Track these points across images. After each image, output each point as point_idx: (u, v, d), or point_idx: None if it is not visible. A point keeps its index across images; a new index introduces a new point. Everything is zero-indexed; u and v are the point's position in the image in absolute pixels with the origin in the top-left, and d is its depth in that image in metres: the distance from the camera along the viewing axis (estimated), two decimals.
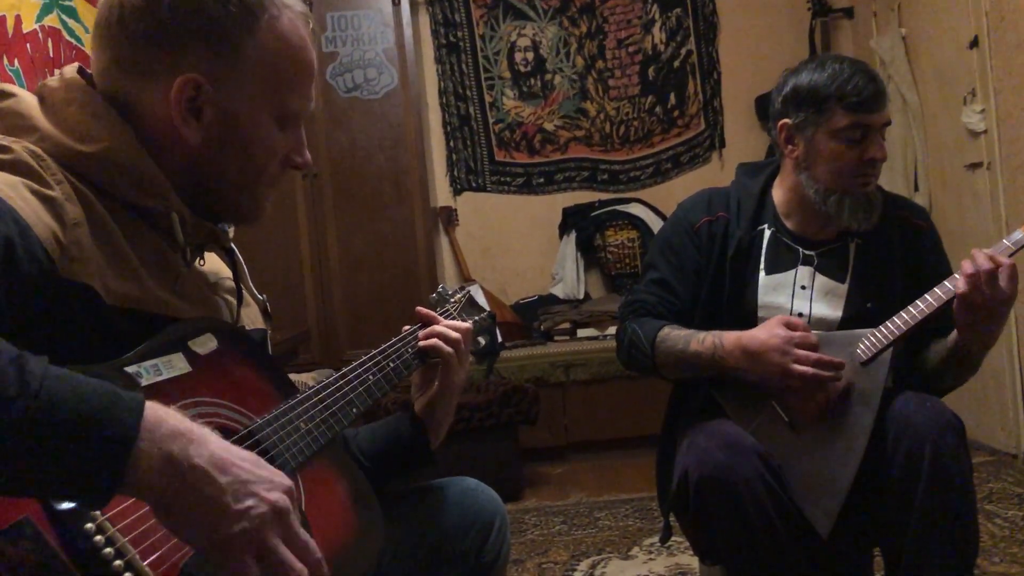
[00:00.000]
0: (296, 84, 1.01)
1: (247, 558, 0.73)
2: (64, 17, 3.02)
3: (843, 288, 1.71)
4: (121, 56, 0.94)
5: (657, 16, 4.51)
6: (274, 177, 1.04)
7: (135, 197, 0.92)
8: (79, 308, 0.83)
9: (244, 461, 0.75)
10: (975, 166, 3.28)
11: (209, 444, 0.74)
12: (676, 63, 4.52)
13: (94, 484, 0.69)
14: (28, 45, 2.86)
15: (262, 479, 0.75)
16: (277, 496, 0.76)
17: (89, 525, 0.72)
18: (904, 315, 1.56)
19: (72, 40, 3.04)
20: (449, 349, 1.23)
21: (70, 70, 0.97)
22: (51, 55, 2.90)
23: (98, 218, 0.88)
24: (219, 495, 0.72)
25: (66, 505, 0.72)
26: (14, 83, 2.61)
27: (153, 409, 0.72)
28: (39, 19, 2.92)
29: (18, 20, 2.83)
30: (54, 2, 2.98)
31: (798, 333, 1.56)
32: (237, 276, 1.10)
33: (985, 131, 3.18)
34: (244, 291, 1.11)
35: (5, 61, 2.75)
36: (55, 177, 0.85)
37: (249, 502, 0.73)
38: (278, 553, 0.75)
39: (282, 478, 0.78)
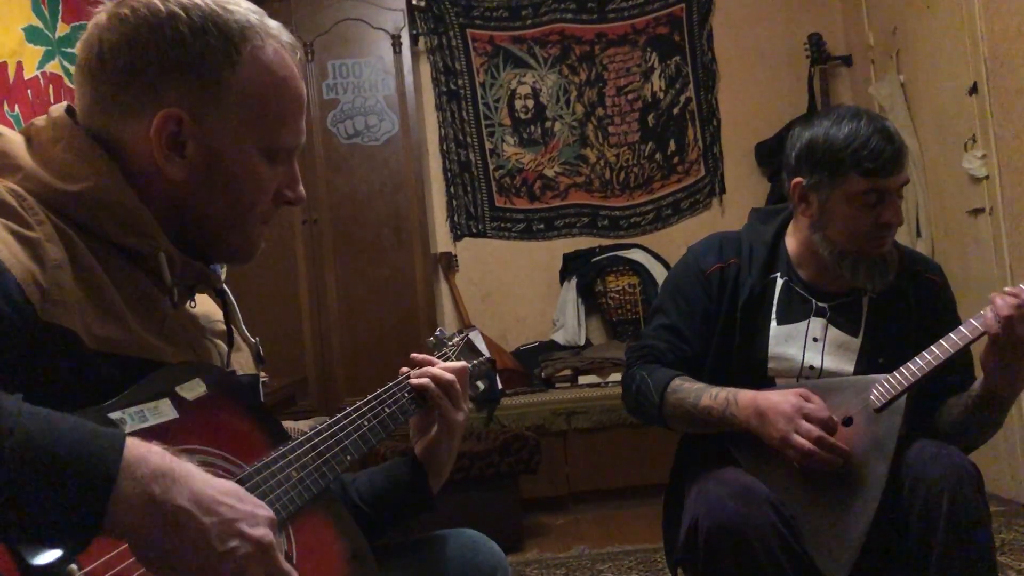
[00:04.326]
0: (284, 116, 0.98)
1: None
2: (66, 64, 3.03)
3: (856, 342, 1.67)
4: (102, 94, 0.92)
5: (656, 64, 4.54)
6: (266, 214, 1.01)
7: (121, 237, 0.89)
8: (60, 352, 0.80)
9: (227, 496, 0.73)
10: (977, 212, 3.27)
11: (192, 482, 0.71)
12: (675, 110, 4.54)
13: (74, 525, 0.66)
14: (29, 91, 2.87)
15: (245, 515, 0.73)
16: (262, 532, 0.74)
17: None
18: (920, 360, 1.52)
19: (74, 87, 3.04)
20: (438, 390, 1.19)
21: (57, 109, 0.95)
22: (52, 101, 2.90)
23: (81, 259, 0.85)
24: (204, 537, 0.70)
25: (40, 560, 0.67)
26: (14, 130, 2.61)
27: (135, 446, 0.69)
28: (41, 66, 2.93)
29: (19, 67, 2.84)
30: (56, 49, 2.99)
31: (811, 405, 1.51)
32: (229, 318, 1.06)
33: (987, 177, 3.18)
34: (236, 334, 1.07)
35: (6, 107, 2.74)
36: (36, 217, 0.83)
37: (234, 543, 0.71)
38: None
39: (265, 510, 0.76)
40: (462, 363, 1.26)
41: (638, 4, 4.54)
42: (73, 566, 0.69)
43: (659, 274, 4.23)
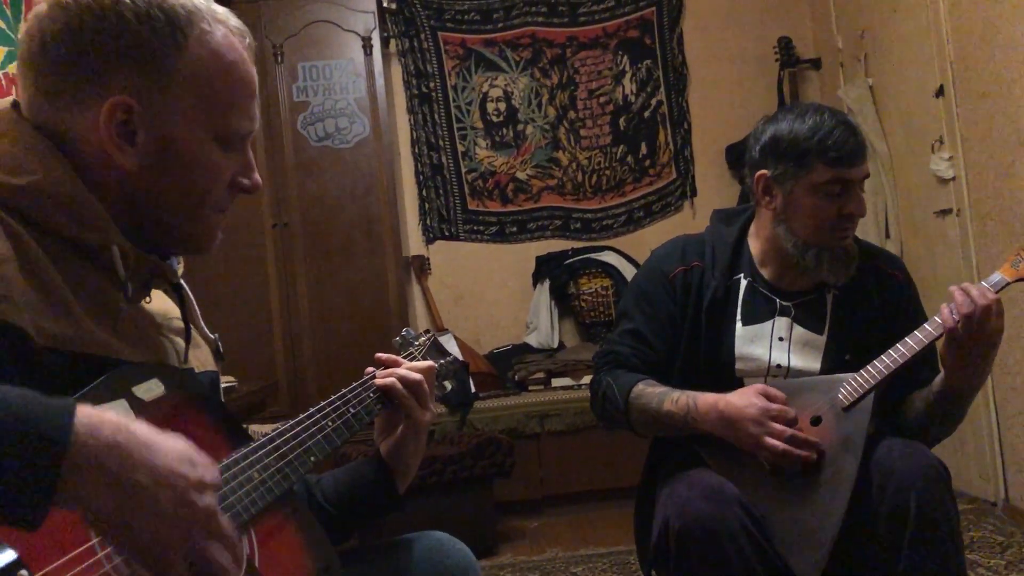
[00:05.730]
0: (235, 102, 0.96)
1: (178, 560, 0.72)
2: None
3: (821, 340, 1.67)
4: (47, 85, 0.90)
5: (627, 67, 4.55)
6: (221, 202, 0.99)
7: (72, 231, 0.87)
8: (6, 350, 0.78)
9: (181, 464, 0.72)
10: (945, 212, 3.31)
11: (148, 453, 0.70)
12: (647, 113, 4.55)
13: (26, 497, 0.63)
14: None
15: (195, 483, 0.73)
16: (207, 502, 0.74)
17: None
18: (885, 359, 1.53)
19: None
20: (404, 390, 1.17)
21: (3, 103, 0.92)
22: None
23: (29, 254, 0.82)
24: (157, 507, 0.69)
25: None
26: None
27: (86, 415, 0.67)
28: (3, 66, 2.87)
29: None
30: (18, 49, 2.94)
31: (776, 406, 1.51)
32: (186, 314, 1.04)
33: (954, 178, 3.21)
34: (194, 331, 1.05)
35: None
36: None
37: (183, 511, 0.71)
38: (207, 554, 0.74)
39: (211, 472, 0.76)
40: (428, 363, 1.24)
41: (609, 7, 4.55)
42: (24, 571, 0.67)
43: (632, 276, 4.23)
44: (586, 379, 3.91)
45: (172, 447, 0.72)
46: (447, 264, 4.47)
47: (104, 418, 0.68)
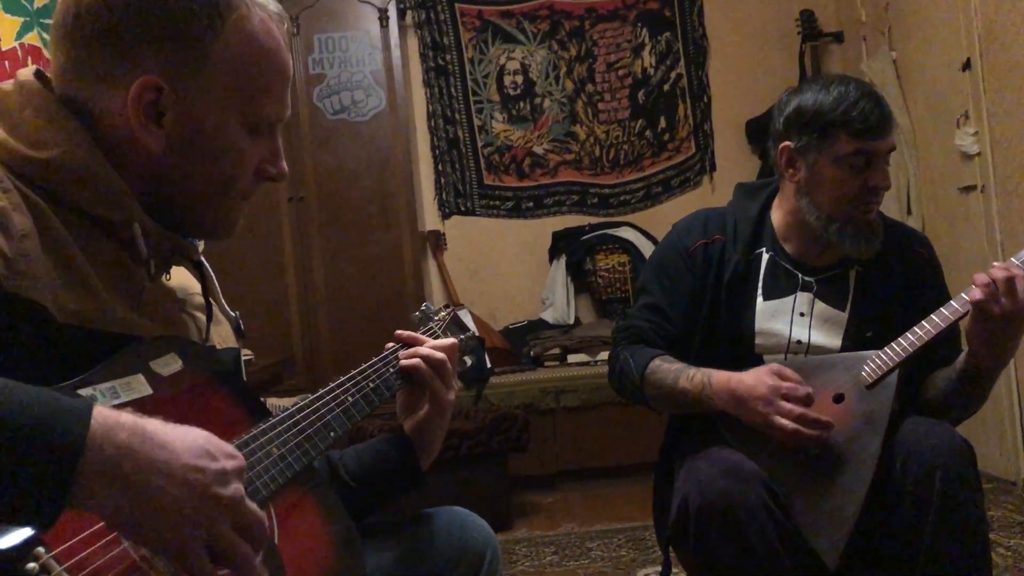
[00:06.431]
0: (268, 88, 0.94)
1: (202, 552, 0.71)
2: (45, 35, 2.97)
3: (843, 316, 1.65)
4: (77, 57, 0.88)
5: (647, 40, 4.49)
6: (246, 189, 0.97)
7: (93, 206, 0.86)
8: (27, 326, 0.77)
9: (199, 459, 0.71)
10: (969, 189, 3.25)
11: (164, 453, 0.68)
12: (666, 87, 4.50)
13: (38, 500, 0.63)
14: (7, 63, 2.81)
15: (216, 476, 0.71)
16: (232, 490, 0.72)
17: (32, 564, 0.65)
18: (910, 336, 1.51)
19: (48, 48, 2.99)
20: (430, 371, 1.16)
21: (25, 73, 0.90)
22: None
23: (51, 229, 0.81)
24: (177, 507, 0.68)
25: (4, 543, 0.64)
26: None
27: (102, 417, 0.66)
28: (19, 37, 2.87)
29: None
30: (34, 20, 2.93)
31: (787, 384, 1.49)
32: (207, 291, 1.03)
33: (979, 154, 3.15)
34: (215, 307, 1.04)
35: None
36: (2, 185, 0.79)
37: (207, 507, 0.70)
38: (232, 545, 0.73)
39: (235, 460, 0.74)
40: (452, 340, 1.23)
41: None
42: (40, 548, 0.66)
43: (649, 252, 4.20)
44: (602, 355, 3.90)
45: (189, 443, 0.71)
46: (463, 239, 4.45)
47: (120, 421, 0.67)
